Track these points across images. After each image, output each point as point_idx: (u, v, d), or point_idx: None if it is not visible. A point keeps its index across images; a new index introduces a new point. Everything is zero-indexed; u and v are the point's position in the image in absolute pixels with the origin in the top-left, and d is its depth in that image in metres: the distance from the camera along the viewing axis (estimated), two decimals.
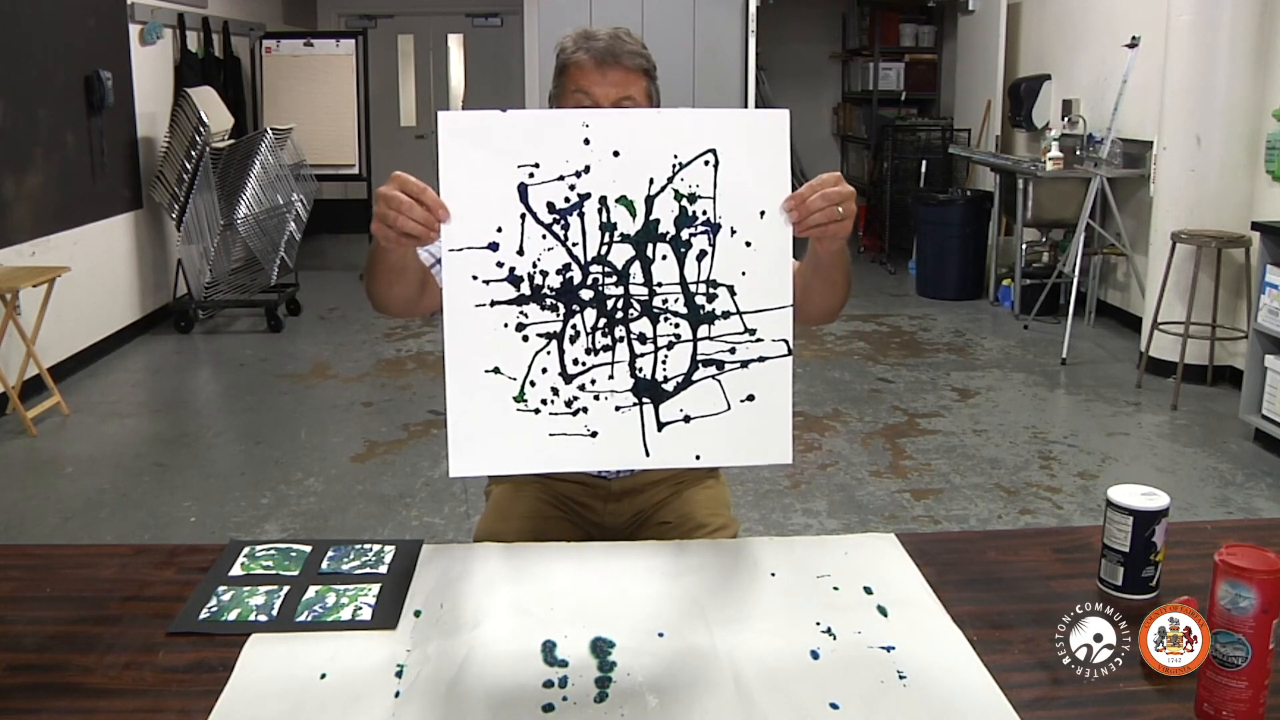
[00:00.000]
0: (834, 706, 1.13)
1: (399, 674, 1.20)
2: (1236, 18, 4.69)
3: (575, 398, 1.31)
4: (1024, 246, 6.33)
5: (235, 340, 6.16)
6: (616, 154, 1.28)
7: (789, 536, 1.65)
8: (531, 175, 1.27)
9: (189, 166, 5.95)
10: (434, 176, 1.41)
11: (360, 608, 1.33)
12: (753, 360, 1.32)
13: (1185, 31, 4.84)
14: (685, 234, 1.30)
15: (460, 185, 1.27)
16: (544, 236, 1.28)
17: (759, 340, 1.32)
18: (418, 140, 9.94)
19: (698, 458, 1.34)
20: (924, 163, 7.92)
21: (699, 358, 1.32)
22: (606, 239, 1.30)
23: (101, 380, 5.26)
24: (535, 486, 1.78)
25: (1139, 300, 5.54)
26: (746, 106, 7.69)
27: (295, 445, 4.33)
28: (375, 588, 1.38)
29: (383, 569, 1.43)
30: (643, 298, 1.31)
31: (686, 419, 1.32)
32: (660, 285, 1.31)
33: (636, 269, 1.31)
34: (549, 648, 1.24)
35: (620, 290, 1.31)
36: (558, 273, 1.29)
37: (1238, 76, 4.75)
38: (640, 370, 1.32)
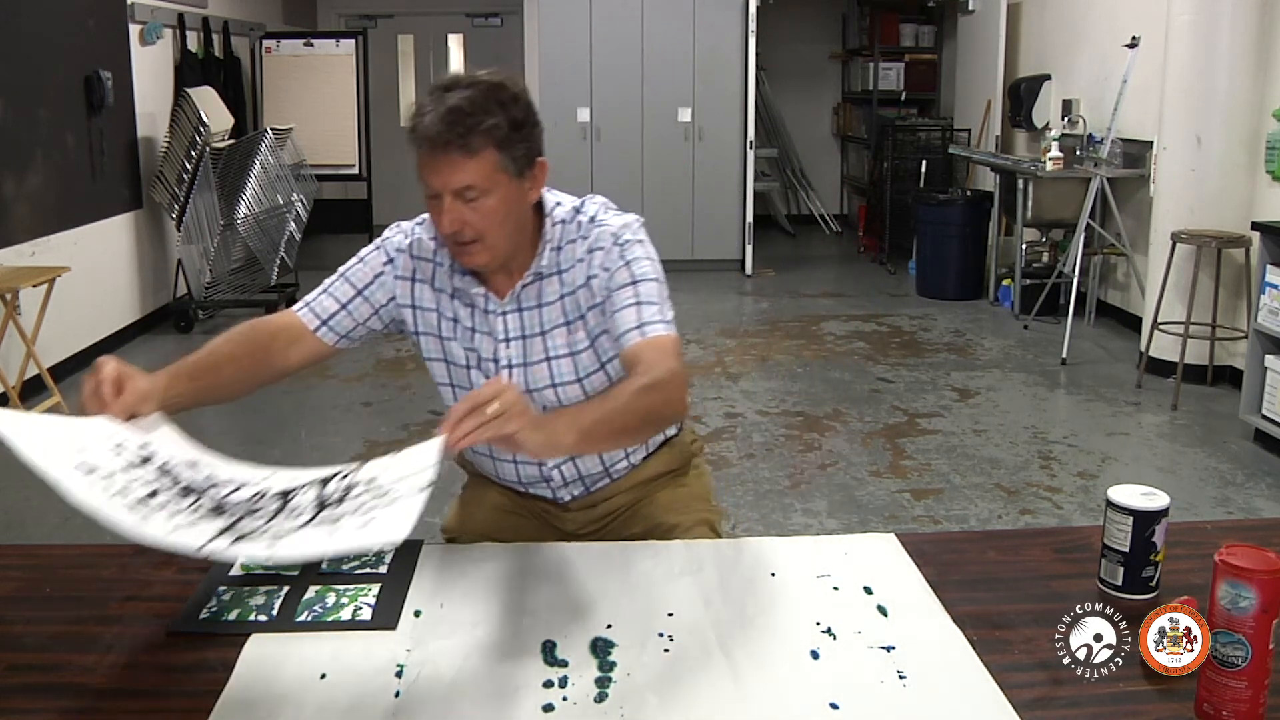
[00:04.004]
0: (834, 706, 1.13)
1: (399, 674, 1.20)
2: (1236, 18, 4.69)
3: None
4: (1024, 246, 6.33)
5: None
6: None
7: (789, 536, 1.65)
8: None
9: (189, 166, 5.95)
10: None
11: (360, 608, 1.33)
12: (380, 506, 1.16)
13: (1185, 31, 4.84)
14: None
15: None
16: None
17: (389, 495, 1.16)
18: None
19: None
20: (924, 163, 7.91)
21: (315, 520, 1.17)
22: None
23: None
24: (499, 487, 1.77)
25: (1139, 300, 5.54)
26: (746, 106, 7.69)
27: (295, 445, 4.34)
28: (375, 588, 1.38)
29: (383, 569, 1.44)
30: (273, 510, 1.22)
31: (272, 543, 1.16)
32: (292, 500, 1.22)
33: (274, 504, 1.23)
34: (549, 648, 1.24)
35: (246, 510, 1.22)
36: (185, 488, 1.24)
37: (1238, 76, 4.74)
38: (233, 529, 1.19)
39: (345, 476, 1.20)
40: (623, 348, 1.49)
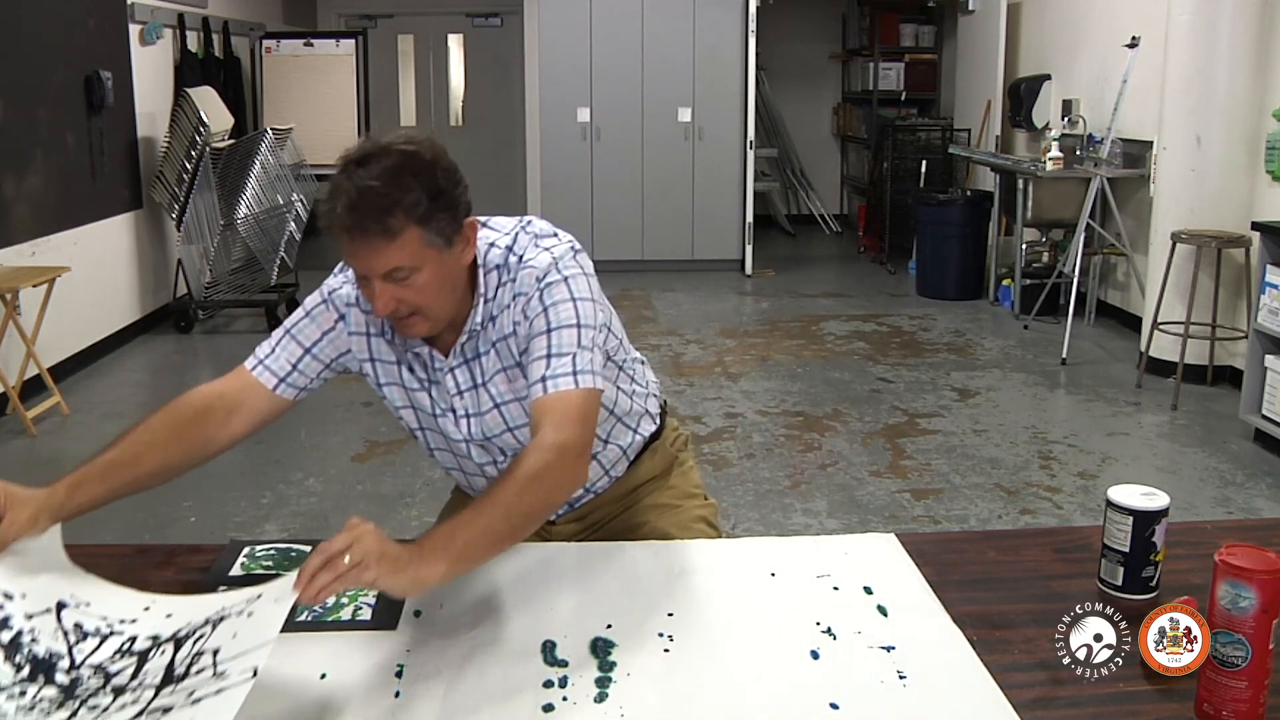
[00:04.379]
0: (834, 706, 1.13)
1: (399, 674, 1.20)
2: (1236, 18, 4.69)
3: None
4: (1024, 246, 6.33)
5: (235, 340, 6.16)
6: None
7: (789, 536, 1.65)
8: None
9: (189, 166, 5.95)
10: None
11: (360, 608, 1.34)
12: (208, 695, 1.08)
13: (1185, 31, 4.84)
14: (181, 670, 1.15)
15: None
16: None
17: (223, 678, 1.09)
18: None
19: None
20: (924, 163, 7.92)
21: (150, 707, 1.10)
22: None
23: (101, 380, 5.26)
24: None
25: (1139, 300, 5.54)
26: (746, 106, 7.69)
27: (295, 445, 4.33)
28: None
29: None
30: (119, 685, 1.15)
31: None
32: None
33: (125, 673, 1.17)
34: (549, 648, 1.24)
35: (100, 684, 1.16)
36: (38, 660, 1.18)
37: (1238, 76, 4.74)
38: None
39: (199, 639, 1.15)
40: (530, 401, 1.44)
